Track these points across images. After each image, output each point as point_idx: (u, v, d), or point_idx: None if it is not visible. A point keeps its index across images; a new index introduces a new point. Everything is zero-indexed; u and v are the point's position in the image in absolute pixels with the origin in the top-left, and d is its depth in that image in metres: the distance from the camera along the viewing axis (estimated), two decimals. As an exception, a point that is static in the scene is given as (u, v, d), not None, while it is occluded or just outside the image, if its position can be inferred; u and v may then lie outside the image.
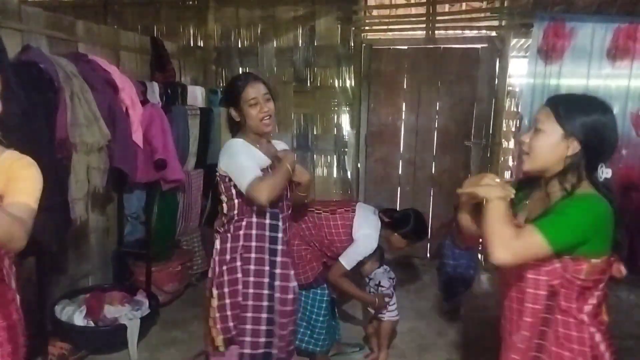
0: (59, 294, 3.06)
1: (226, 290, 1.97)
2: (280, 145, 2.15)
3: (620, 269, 1.38)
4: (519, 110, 4.37)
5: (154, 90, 3.43)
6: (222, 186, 1.99)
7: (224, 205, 2.01)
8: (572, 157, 1.33)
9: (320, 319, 2.66)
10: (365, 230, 2.62)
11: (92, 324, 2.88)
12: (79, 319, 2.88)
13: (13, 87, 2.26)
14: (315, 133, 4.86)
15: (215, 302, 1.98)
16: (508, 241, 1.26)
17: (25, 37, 2.78)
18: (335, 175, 4.90)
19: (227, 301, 1.97)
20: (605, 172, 1.33)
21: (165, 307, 3.44)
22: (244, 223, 1.97)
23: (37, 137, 2.40)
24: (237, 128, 2.06)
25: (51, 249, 2.59)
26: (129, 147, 2.97)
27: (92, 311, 2.90)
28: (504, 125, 4.53)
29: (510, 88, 4.66)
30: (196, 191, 3.74)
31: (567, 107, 1.35)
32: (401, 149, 4.69)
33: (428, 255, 4.57)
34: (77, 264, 3.27)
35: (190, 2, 5.04)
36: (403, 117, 4.66)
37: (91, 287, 3.27)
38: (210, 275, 2.04)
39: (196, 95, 4.04)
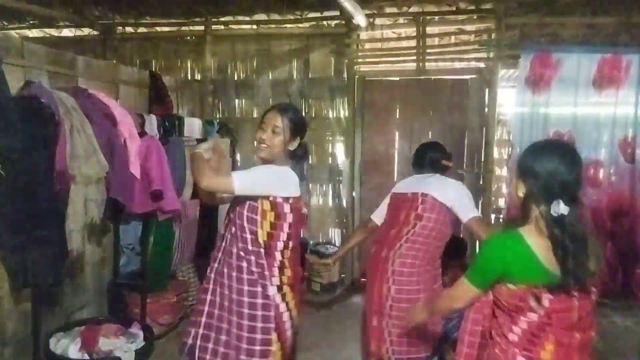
0: (54, 326, 3.04)
1: None
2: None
3: (533, 300, 1.45)
4: (510, 139, 4.47)
5: (152, 123, 3.50)
6: None
7: None
8: (521, 197, 1.52)
9: None
10: (448, 186, 2.47)
11: (87, 356, 2.85)
12: (74, 352, 2.84)
13: (14, 121, 2.33)
14: (310, 163, 4.93)
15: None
16: (451, 305, 1.70)
17: (27, 73, 2.86)
18: (330, 204, 4.95)
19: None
20: (560, 209, 1.41)
21: (160, 339, 3.41)
22: None
23: (37, 169, 2.45)
24: None
25: (47, 281, 2.59)
26: (126, 178, 3.01)
27: (87, 344, 2.88)
28: (496, 153, 4.62)
29: (501, 117, 4.77)
30: (192, 222, 3.76)
31: (521, 154, 1.58)
32: (395, 177, 4.75)
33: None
34: (73, 296, 3.25)
35: (188, 38, 5.18)
36: (396, 146, 4.75)
37: (86, 319, 3.24)
38: None
39: (193, 126, 4.11)
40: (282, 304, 2.00)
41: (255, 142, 2.08)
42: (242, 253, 1.98)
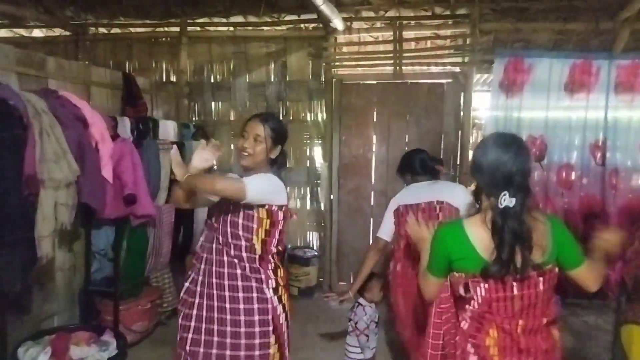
0: (23, 335, 2.94)
1: None
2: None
3: (462, 289, 1.55)
4: (485, 142, 4.53)
5: (125, 125, 3.43)
6: None
7: None
8: (473, 190, 1.63)
9: None
10: (456, 190, 2.50)
11: (56, 366, 2.77)
12: (43, 362, 2.76)
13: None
14: (288, 166, 4.90)
15: None
16: (423, 285, 1.72)
17: (-6, 74, 2.77)
18: (308, 207, 4.94)
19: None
20: (506, 201, 1.46)
21: (134, 347, 3.34)
22: None
23: (5, 173, 2.37)
24: None
25: (15, 288, 2.50)
26: (98, 182, 2.93)
27: (58, 353, 2.79)
28: (471, 156, 4.68)
29: (476, 121, 4.84)
30: (167, 226, 3.70)
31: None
32: (372, 180, 4.77)
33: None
34: (42, 304, 3.16)
35: (163, 39, 5.11)
36: (374, 149, 4.77)
37: (56, 327, 3.15)
38: None
39: (168, 129, 4.05)
40: (279, 305, 2.01)
41: (234, 149, 2.07)
42: (235, 260, 1.97)
